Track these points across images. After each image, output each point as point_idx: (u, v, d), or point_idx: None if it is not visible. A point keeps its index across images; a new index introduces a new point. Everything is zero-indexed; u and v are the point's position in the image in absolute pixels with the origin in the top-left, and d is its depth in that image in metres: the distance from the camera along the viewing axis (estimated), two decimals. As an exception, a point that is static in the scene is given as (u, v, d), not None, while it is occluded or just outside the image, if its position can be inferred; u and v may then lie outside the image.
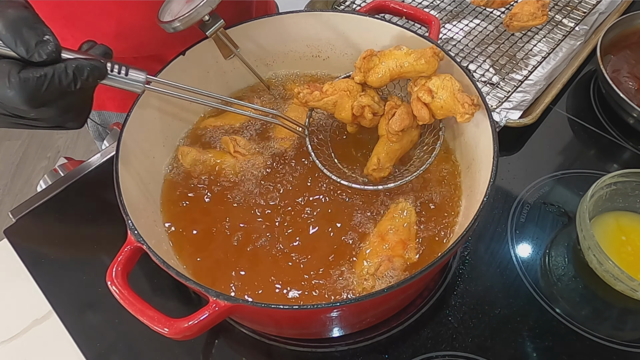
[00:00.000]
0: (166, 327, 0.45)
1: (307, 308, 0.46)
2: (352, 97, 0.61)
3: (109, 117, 0.94)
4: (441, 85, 0.58)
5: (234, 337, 0.61)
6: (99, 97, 0.88)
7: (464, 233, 0.48)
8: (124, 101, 0.88)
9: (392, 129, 0.59)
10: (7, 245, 0.68)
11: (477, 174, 0.59)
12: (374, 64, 0.61)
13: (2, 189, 1.98)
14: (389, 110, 0.61)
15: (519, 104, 0.81)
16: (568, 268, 0.65)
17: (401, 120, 0.59)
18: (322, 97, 0.61)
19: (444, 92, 0.58)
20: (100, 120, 0.95)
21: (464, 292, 0.63)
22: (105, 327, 0.61)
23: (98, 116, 0.94)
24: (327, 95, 0.61)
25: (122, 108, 0.91)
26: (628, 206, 0.68)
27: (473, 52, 0.89)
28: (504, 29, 0.91)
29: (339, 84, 0.62)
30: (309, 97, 0.61)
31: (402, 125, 0.59)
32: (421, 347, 0.59)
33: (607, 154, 0.79)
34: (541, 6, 0.83)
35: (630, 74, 0.84)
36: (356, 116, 0.62)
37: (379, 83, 0.61)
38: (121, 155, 0.56)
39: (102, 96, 0.89)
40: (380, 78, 0.61)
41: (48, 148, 2.11)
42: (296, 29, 0.72)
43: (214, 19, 0.60)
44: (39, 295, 0.64)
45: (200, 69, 0.69)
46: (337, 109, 0.62)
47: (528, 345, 0.59)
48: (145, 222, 0.57)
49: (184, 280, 0.47)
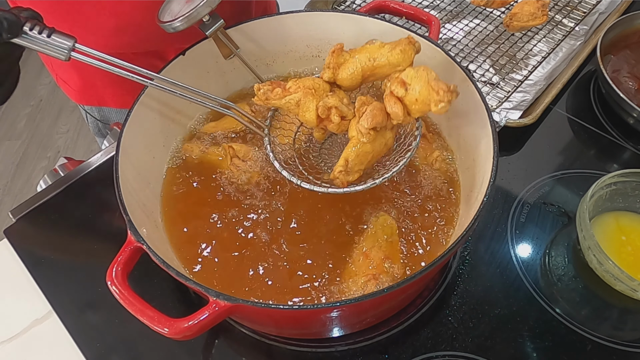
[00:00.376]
0: (166, 327, 0.45)
1: (307, 308, 0.46)
2: (318, 97, 0.54)
3: (109, 113, 0.94)
4: (415, 76, 0.52)
5: (234, 337, 0.61)
6: (98, 93, 0.88)
7: (464, 233, 0.48)
8: (124, 97, 0.88)
9: (362, 127, 0.52)
10: (7, 245, 0.68)
11: (477, 174, 0.59)
12: (344, 60, 0.55)
13: (2, 189, 1.98)
14: (360, 108, 0.53)
15: (519, 104, 0.81)
16: (568, 268, 0.65)
17: (372, 116, 0.51)
18: (284, 95, 0.55)
19: (418, 83, 0.51)
20: (100, 117, 0.95)
21: (464, 292, 0.63)
22: (105, 327, 0.61)
23: (98, 112, 0.94)
24: (290, 93, 0.55)
25: (122, 104, 0.91)
26: (628, 206, 0.68)
27: (473, 52, 0.89)
28: (504, 29, 0.91)
29: (304, 81, 0.55)
30: (270, 94, 0.55)
31: (373, 121, 0.51)
32: (421, 347, 0.59)
33: (607, 154, 0.79)
34: (541, 6, 0.83)
35: (630, 74, 0.84)
36: (322, 119, 0.55)
37: (350, 82, 0.55)
38: (121, 155, 0.56)
39: (102, 92, 0.89)
40: (352, 75, 0.54)
41: (48, 148, 2.11)
42: (296, 29, 0.72)
43: (213, 19, 0.60)
44: (39, 295, 0.64)
45: (200, 69, 0.69)
46: (300, 109, 0.55)
47: (528, 345, 0.59)
48: (145, 222, 0.57)
49: (184, 280, 0.47)
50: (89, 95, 0.90)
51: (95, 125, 0.98)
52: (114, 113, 0.94)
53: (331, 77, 0.55)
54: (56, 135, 2.15)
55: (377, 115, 0.52)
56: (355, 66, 0.54)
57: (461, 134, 0.65)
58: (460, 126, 0.66)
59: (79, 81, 0.87)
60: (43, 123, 2.19)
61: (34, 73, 2.38)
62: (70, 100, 0.95)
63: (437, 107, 0.50)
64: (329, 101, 0.54)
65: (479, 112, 0.58)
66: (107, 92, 0.89)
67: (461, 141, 0.65)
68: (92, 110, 0.94)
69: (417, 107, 0.52)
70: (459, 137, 0.66)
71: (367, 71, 0.54)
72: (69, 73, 0.87)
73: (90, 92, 0.89)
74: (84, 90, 0.89)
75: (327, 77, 0.55)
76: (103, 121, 0.96)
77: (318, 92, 0.54)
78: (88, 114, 0.96)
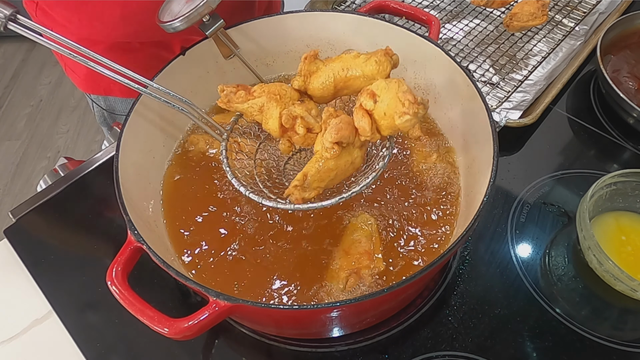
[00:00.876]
0: (166, 327, 0.45)
1: (307, 308, 0.46)
2: (283, 104, 0.50)
3: (115, 102, 0.95)
4: (385, 87, 0.47)
5: (234, 337, 0.61)
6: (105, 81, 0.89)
7: (464, 233, 0.48)
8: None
9: (326, 141, 0.47)
10: (7, 245, 0.68)
11: (477, 174, 0.59)
12: (317, 68, 0.52)
13: (2, 189, 1.98)
14: (327, 120, 0.49)
15: (519, 104, 0.81)
16: (568, 268, 0.65)
17: (337, 129, 0.46)
18: (247, 99, 0.51)
19: (387, 94, 0.47)
20: (106, 106, 0.96)
21: (464, 292, 0.63)
22: (105, 327, 0.61)
23: (104, 101, 0.95)
24: (254, 97, 0.51)
25: (128, 93, 0.91)
26: (628, 206, 0.68)
27: (473, 52, 0.89)
28: (504, 29, 0.91)
29: (270, 87, 0.51)
30: (232, 96, 0.52)
31: (338, 135, 0.46)
32: (421, 347, 0.59)
33: (607, 154, 0.79)
34: (541, 6, 0.83)
35: (630, 74, 0.84)
36: (286, 129, 0.50)
37: (321, 92, 0.51)
38: (121, 155, 0.56)
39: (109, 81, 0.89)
40: (323, 85, 0.50)
41: (48, 148, 2.11)
42: (296, 29, 0.72)
43: (213, 19, 0.60)
44: (39, 295, 0.64)
45: (200, 69, 0.69)
46: (264, 116, 0.50)
47: (528, 345, 0.59)
48: (145, 222, 0.57)
49: (184, 280, 0.47)
50: (96, 84, 0.91)
51: (101, 114, 0.99)
52: (120, 102, 0.94)
53: (302, 85, 0.52)
54: (56, 135, 2.15)
55: (342, 128, 0.47)
56: (327, 75, 0.51)
57: (461, 133, 0.65)
58: (460, 126, 0.66)
59: (86, 69, 0.88)
60: (43, 123, 2.19)
61: (34, 73, 2.38)
62: (70, 100, 0.96)
63: (400, 120, 0.45)
64: (295, 110, 0.50)
65: (479, 112, 0.58)
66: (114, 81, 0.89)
67: (461, 141, 0.65)
68: (98, 99, 0.95)
69: (385, 123, 0.47)
70: (458, 137, 0.66)
71: (340, 82, 0.51)
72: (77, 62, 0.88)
73: (97, 81, 0.90)
74: (91, 79, 0.90)
75: (298, 85, 0.52)
76: (109, 110, 0.96)
77: (284, 100, 0.51)
78: (94, 102, 0.97)
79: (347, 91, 0.53)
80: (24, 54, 2.46)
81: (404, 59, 0.71)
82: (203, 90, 0.71)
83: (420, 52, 0.67)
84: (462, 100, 0.63)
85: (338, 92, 0.52)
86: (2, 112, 2.24)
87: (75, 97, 2.26)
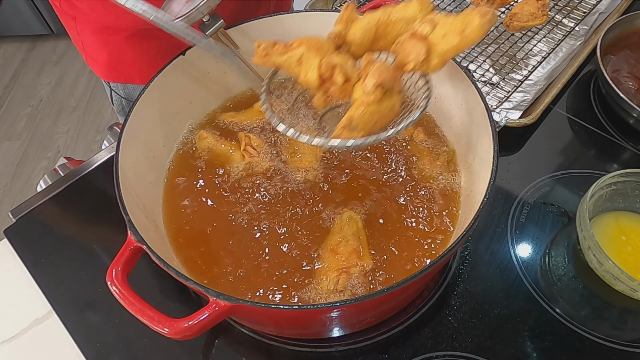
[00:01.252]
0: (166, 327, 0.45)
1: (307, 308, 0.46)
2: (322, 54, 0.50)
3: (135, 91, 0.95)
4: (444, 16, 0.48)
5: (234, 337, 0.61)
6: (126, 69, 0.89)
7: (464, 233, 0.48)
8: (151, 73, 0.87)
9: (368, 85, 0.47)
10: (7, 245, 0.68)
11: (477, 174, 0.59)
12: (357, 17, 0.52)
13: (2, 189, 1.98)
14: (366, 67, 0.49)
15: (519, 104, 0.81)
16: (568, 268, 0.65)
17: (379, 72, 0.47)
18: (286, 51, 0.51)
19: (448, 19, 0.48)
20: (125, 94, 0.96)
21: (464, 292, 0.63)
22: (105, 327, 0.61)
23: (123, 90, 0.95)
24: (293, 48, 0.50)
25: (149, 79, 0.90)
26: (628, 206, 0.68)
27: (473, 52, 0.89)
28: (504, 29, 0.91)
29: (309, 39, 0.51)
30: (270, 50, 0.51)
31: (380, 77, 0.47)
32: (421, 347, 0.59)
33: (607, 154, 0.79)
34: (541, 6, 0.83)
35: (630, 74, 0.84)
36: (324, 80, 0.50)
37: (361, 36, 0.51)
38: (121, 155, 0.56)
39: (130, 68, 0.90)
40: (366, 27, 0.50)
41: (48, 148, 2.11)
42: (296, 29, 0.72)
43: (213, 19, 0.60)
44: (39, 295, 0.64)
45: (200, 68, 0.69)
46: (302, 67, 0.50)
47: (528, 345, 0.59)
48: (145, 222, 0.57)
49: (184, 280, 0.47)
50: (117, 71, 0.91)
51: (119, 103, 0.99)
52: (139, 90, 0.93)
53: (342, 30, 0.51)
54: (56, 135, 2.15)
55: (384, 72, 0.47)
56: (370, 18, 0.50)
57: (461, 133, 0.65)
58: (460, 126, 0.66)
59: (107, 57, 0.88)
60: (43, 123, 2.19)
61: (34, 73, 2.38)
62: (70, 100, 0.96)
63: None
64: (334, 59, 0.50)
65: (479, 112, 0.58)
66: (134, 68, 0.89)
67: (461, 141, 0.65)
68: (117, 87, 0.95)
69: (443, 45, 0.48)
70: (459, 137, 0.66)
71: (382, 26, 0.51)
72: (99, 50, 0.88)
73: (118, 68, 0.90)
74: (112, 67, 0.90)
75: (338, 29, 0.52)
76: (128, 99, 0.96)
77: (322, 51, 0.50)
78: (113, 91, 0.97)
79: (384, 42, 0.52)
80: (24, 54, 2.46)
81: (404, 59, 0.71)
82: (203, 90, 0.71)
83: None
84: (462, 100, 0.63)
85: (376, 41, 0.52)
86: (2, 112, 2.24)
87: (75, 97, 2.26)
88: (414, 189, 0.64)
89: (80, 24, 0.86)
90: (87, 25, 0.85)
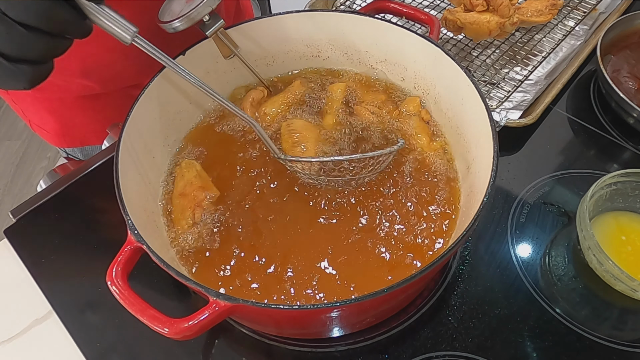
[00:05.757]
0: (166, 327, 0.45)
1: (307, 308, 0.46)
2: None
3: (94, 150, 0.89)
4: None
5: (234, 337, 0.61)
6: (80, 132, 0.82)
7: (464, 233, 0.48)
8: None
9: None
10: (7, 245, 0.68)
11: (477, 174, 0.59)
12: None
13: (2, 189, 1.98)
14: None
15: (519, 104, 0.81)
16: (568, 268, 0.65)
17: None
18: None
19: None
20: (84, 156, 0.91)
21: (464, 292, 0.63)
22: (105, 327, 0.61)
23: (81, 152, 0.90)
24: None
25: (105, 138, 0.83)
26: (628, 206, 0.68)
27: (473, 51, 0.89)
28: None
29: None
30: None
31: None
32: (421, 347, 0.59)
33: (607, 154, 0.79)
34: (551, 5, 0.82)
35: (630, 74, 0.84)
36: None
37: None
38: (121, 155, 0.56)
39: (84, 130, 0.83)
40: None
41: (48, 148, 2.11)
42: (296, 29, 0.72)
43: (213, 19, 0.60)
44: (39, 295, 0.64)
45: (200, 69, 0.69)
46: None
47: (528, 345, 0.59)
48: (145, 222, 0.57)
49: (184, 280, 0.47)
50: (70, 136, 0.85)
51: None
52: (98, 149, 0.87)
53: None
54: (56, 135, 2.15)
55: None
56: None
57: (461, 133, 0.65)
58: (460, 126, 0.66)
59: (56, 124, 0.82)
60: (43, 123, 2.19)
61: (34, 73, 2.38)
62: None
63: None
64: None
65: (479, 112, 0.58)
66: (89, 130, 0.83)
67: (461, 141, 0.65)
68: (74, 151, 0.89)
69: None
70: (459, 137, 0.66)
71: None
72: (44, 118, 0.82)
73: (71, 133, 0.84)
74: (64, 133, 0.84)
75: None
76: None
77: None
78: (70, 155, 0.90)
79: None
80: (24, 54, 2.46)
81: (404, 59, 0.71)
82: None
83: (421, 52, 0.67)
84: (462, 100, 0.63)
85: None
86: (2, 112, 2.24)
87: (75, 97, 2.26)
88: (414, 189, 0.64)
89: (14, 95, 0.77)
90: (23, 95, 0.75)
